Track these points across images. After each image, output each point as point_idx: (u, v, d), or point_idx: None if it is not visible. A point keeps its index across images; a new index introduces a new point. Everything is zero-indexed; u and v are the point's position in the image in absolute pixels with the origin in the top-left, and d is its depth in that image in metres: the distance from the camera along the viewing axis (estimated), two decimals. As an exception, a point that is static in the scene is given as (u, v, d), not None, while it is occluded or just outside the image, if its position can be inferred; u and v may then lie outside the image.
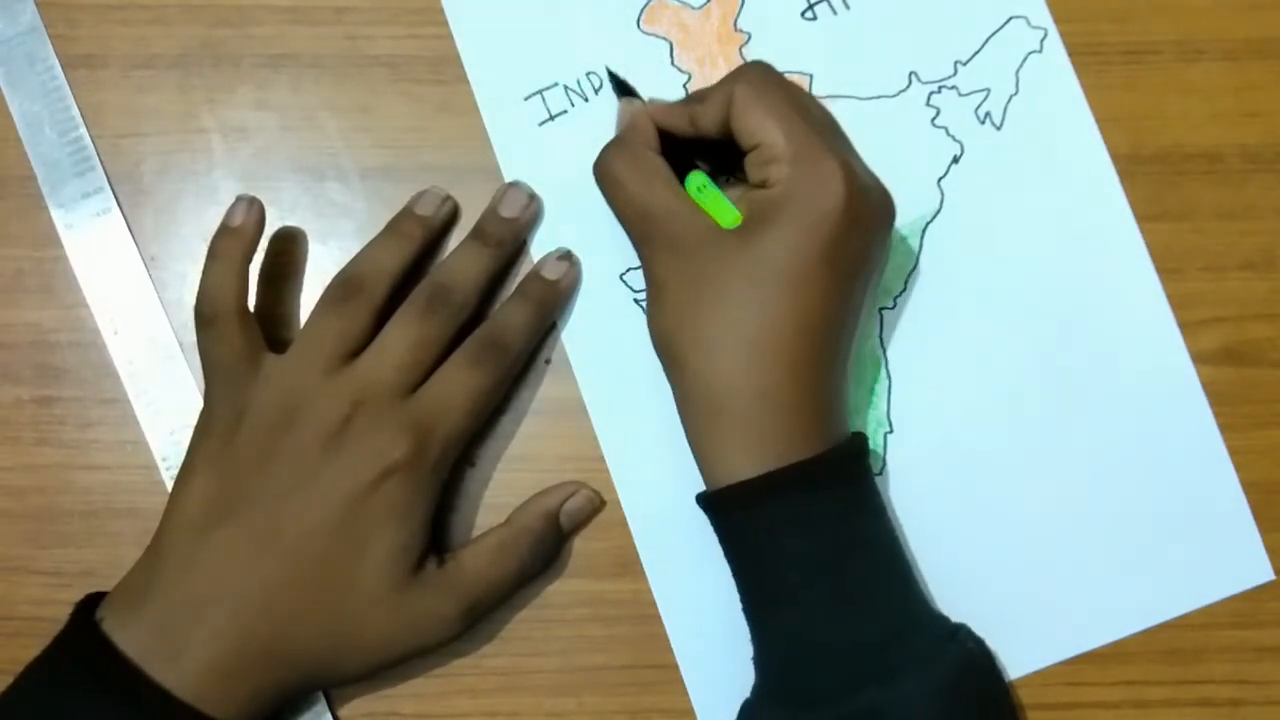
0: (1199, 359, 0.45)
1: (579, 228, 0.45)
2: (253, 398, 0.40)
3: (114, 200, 0.46)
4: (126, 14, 0.47)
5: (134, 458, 0.45)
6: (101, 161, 0.46)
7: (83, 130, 0.46)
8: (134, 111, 0.46)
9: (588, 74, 0.46)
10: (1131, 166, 0.46)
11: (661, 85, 0.46)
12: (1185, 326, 0.45)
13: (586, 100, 0.46)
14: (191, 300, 0.42)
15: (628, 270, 0.45)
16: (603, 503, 0.45)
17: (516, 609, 0.44)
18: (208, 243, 0.43)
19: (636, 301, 0.45)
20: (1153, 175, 0.46)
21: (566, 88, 0.46)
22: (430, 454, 0.40)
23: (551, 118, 0.46)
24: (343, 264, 0.43)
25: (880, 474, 0.44)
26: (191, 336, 0.42)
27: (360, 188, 0.46)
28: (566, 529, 0.44)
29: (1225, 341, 0.45)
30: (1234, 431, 0.45)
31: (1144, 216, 0.46)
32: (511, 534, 0.42)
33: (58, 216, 0.46)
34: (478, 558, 0.42)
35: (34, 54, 0.46)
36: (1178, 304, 0.45)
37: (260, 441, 0.40)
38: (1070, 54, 0.46)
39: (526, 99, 0.46)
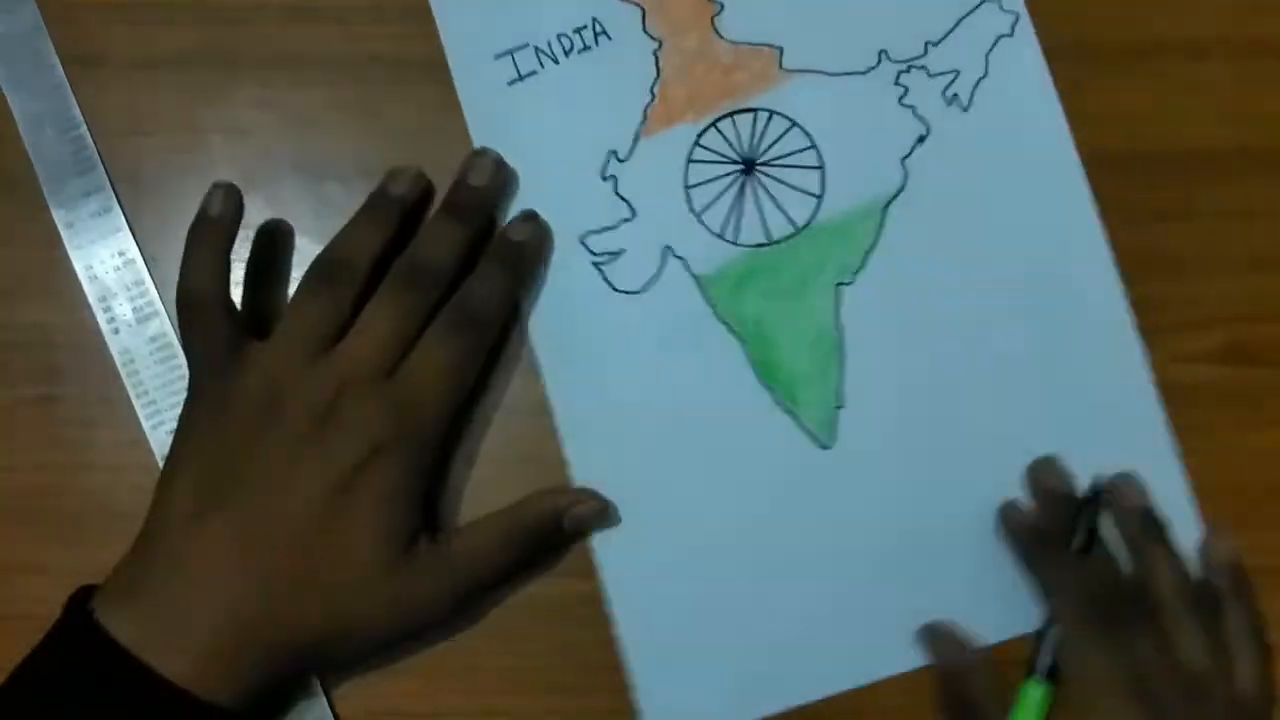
0: (1199, 359, 0.45)
1: (540, 189, 0.46)
2: (237, 386, 0.40)
3: (115, 200, 0.46)
4: (128, 13, 0.47)
5: (134, 458, 0.45)
6: (102, 161, 0.46)
7: (84, 129, 0.46)
8: (135, 111, 0.46)
9: (559, 35, 0.46)
10: (1131, 165, 0.46)
11: (631, 52, 0.46)
12: (1185, 326, 0.45)
13: (556, 62, 0.46)
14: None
15: (588, 234, 0.45)
16: (616, 517, 0.44)
17: (520, 606, 0.44)
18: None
19: (595, 265, 0.45)
20: (1153, 175, 0.46)
21: (537, 49, 0.46)
22: (415, 430, 0.40)
23: (521, 78, 0.46)
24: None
25: (829, 449, 0.45)
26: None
27: (360, 188, 0.46)
28: (570, 532, 0.44)
29: (1225, 341, 0.45)
30: (1234, 431, 0.45)
31: (1144, 216, 0.46)
32: (510, 523, 0.42)
33: (58, 216, 0.46)
34: (473, 540, 0.42)
35: (35, 53, 0.46)
36: (1178, 303, 0.45)
37: (246, 429, 0.40)
38: (1070, 54, 0.46)
39: (497, 58, 0.46)
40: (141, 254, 0.46)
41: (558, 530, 0.43)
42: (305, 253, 0.46)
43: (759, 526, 0.44)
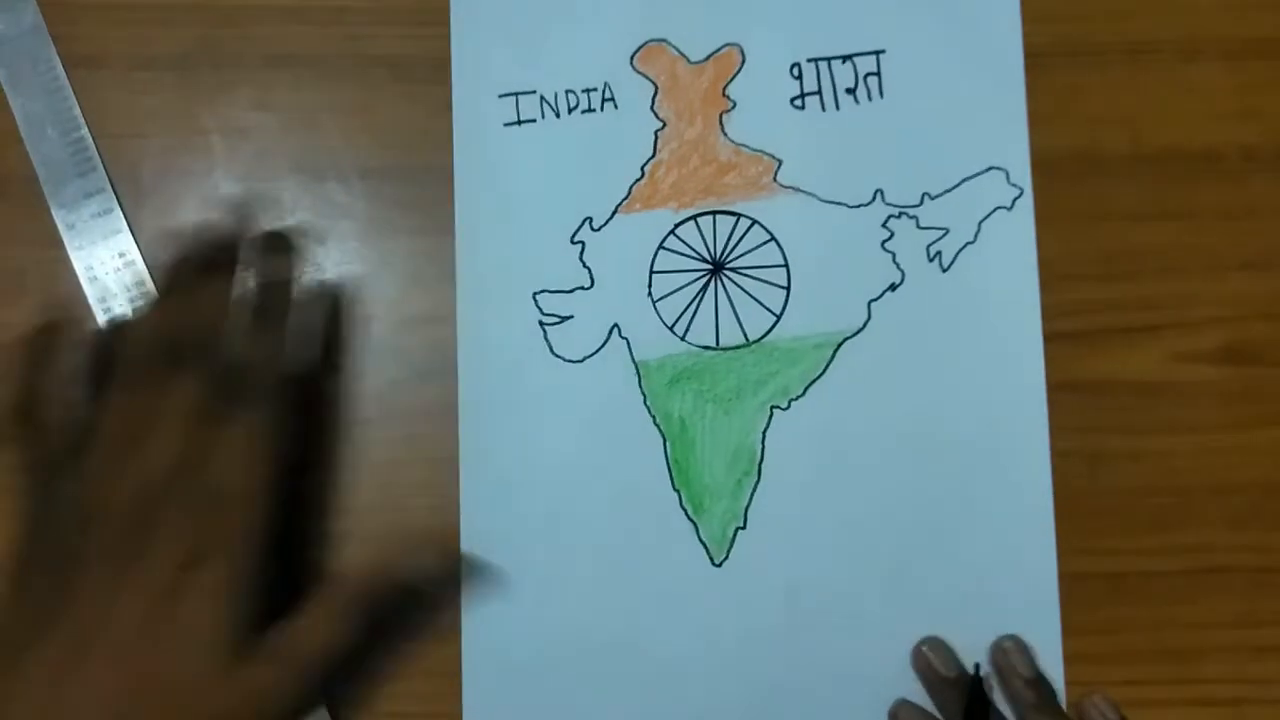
0: (1199, 359, 0.45)
1: (507, 236, 0.45)
2: (56, 504, 0.39)
3: (115, 200, 0.46)
4: (127, 14, 0.47)
5: (134, 457, 0.45)
6: (103, 161, 0.46)
7: (84, 130, 0.46)
8: (135, 112, 0.46)
9: (568, 91, 0.46)
10: (1132, 166, 0.46)
11: (633, 126, 0.46)
12: (1186, 326, 0.45)
13: (558, 116, 0.46)
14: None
15: (541, 292, 0.45)
16: (459, 557, 0.43)
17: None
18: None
19: (541, 324, 0.45)
20: (1153, 175, 0.46)
21: (543, 98, 0.46)
22: (229, 521, 0.38)
23: (519, 122, 0.46)
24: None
25: (720, 567, 0.44)
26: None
27: (360, 188, 0.46)
28: (423, 587, 0.41)
29: (1226, 341, 0.45)
30: (1234, 431, 0.45)
31: (1143, 216, 0.46)
32: (333, 597, 0.40)
33: (59, 216, 0.46)
34: (308, 619, 0.39)
35: (36, 54, 0.46)
36: (1177, 303, 0.45)
37: (65, 552, 0.38)
38: (1069, 54, 0.46)
39: (501, 97, 0.46)
40: (142, 255, 0.46)
41: (399, 591, 0.41)
42: (306, 253, 0.46)
43: (636, 625, 0.44)
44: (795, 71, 0.46)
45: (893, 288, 0.45)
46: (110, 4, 0.47)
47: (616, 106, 0.46)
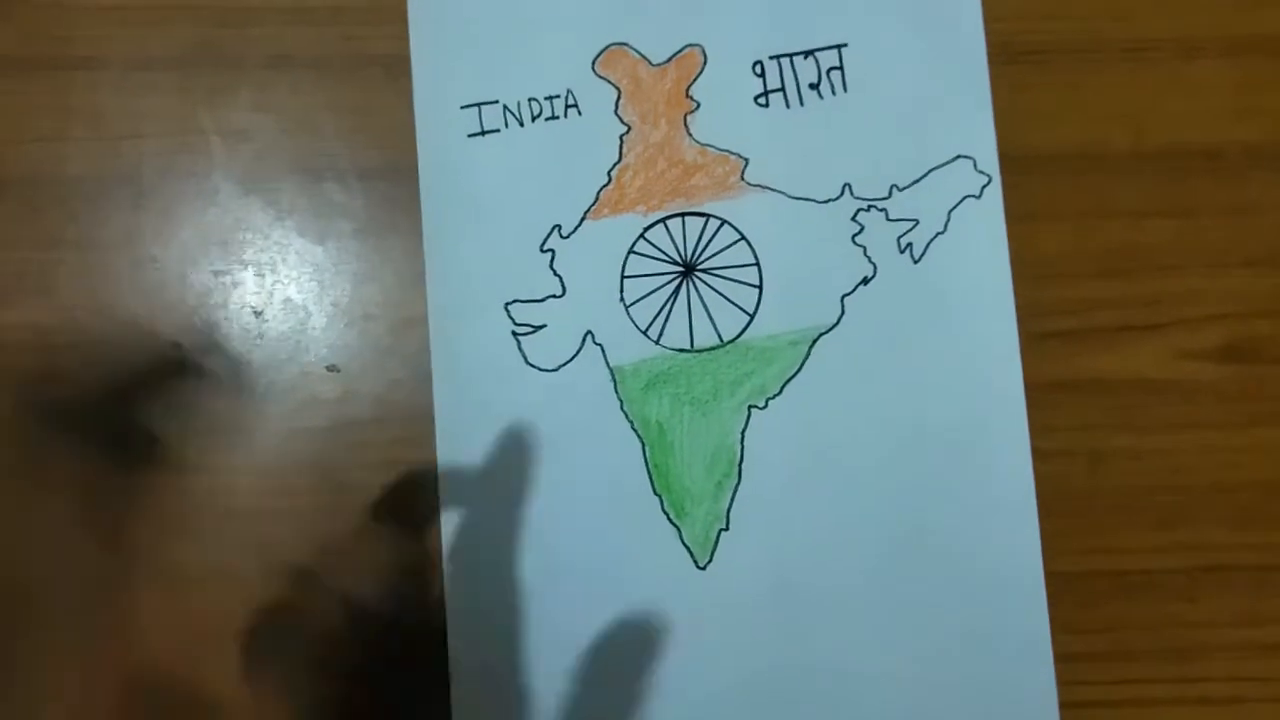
0: (1199, 357, 0.45)
1: (476, 247, 0.45)
2: None
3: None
4: (125, 15, 0.47)
5: (134, 458, 0.45)
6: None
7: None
8: (134, 113, 0.47)
9: (530, 99, 0.46)
10: (1132, 164, 0.46)
11: (598, 131, 0.46)
12: (1187, 324, 0.45)
13: (522, 125, 0.46)
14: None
15: (513, 302, 0.45)
16: None
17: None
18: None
19: (514, 334, 0.45)
20: (1153, 173, 0.46)
21: (506, 107, 0.46)
22: None
23: (483, 133, 0.46)
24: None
25: (704, 569, 0.44)
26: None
27: (359, 188, 0.46)
28: None
29: (1227, 339, 0.45)
30: (1235, 429, 0.45)
31: (1145, 214, 0.46)
32: None
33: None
34: None
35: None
36: (1178, 302, 0.45)
37: None
38: (1071, 52, 0.46)
39: (464, 108, 0.46)
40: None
41: None
42: (305, 253, 0.46)
43: (622, 633, 0.44)
44: (758, 69, 0.46)
45: (865, 281, 0.45)
46: (110, 4, 0.47)
47: (580, 112, 0.46)
